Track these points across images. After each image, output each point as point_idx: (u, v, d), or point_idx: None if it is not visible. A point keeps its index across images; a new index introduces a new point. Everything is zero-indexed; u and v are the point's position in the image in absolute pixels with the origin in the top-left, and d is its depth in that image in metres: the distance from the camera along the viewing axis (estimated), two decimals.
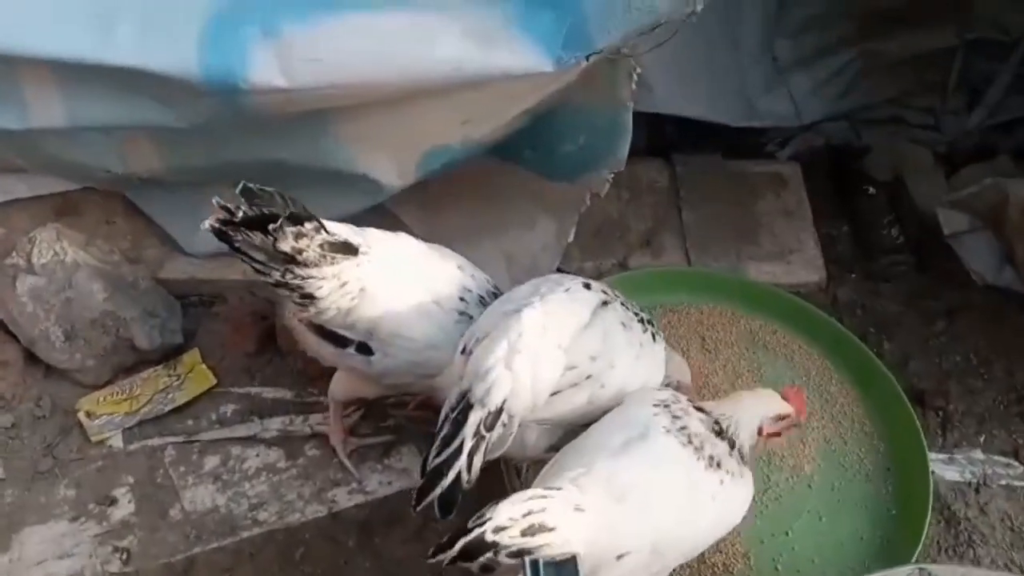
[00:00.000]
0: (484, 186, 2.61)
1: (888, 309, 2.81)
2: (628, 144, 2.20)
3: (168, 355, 2.47)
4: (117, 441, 2.32)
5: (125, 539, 2.14)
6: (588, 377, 1.87)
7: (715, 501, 1.77)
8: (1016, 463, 2.42)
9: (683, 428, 1.79)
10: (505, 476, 2.17)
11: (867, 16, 3.07)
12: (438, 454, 1.71)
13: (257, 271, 1.88)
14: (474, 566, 1.53)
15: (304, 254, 1.84)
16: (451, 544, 1.53)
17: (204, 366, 2.46)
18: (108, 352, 2.40)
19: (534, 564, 1.31)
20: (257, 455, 2.31)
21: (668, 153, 3.13)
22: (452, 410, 1.76)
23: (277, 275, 1.87)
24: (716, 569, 2.11)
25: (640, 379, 1.97)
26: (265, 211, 1.79)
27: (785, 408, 1.94)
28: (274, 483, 2.26)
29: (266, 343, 2.51)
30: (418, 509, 1.70)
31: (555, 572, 1.31)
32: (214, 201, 1.77)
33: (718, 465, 1.77)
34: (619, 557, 1.67)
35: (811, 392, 2.46)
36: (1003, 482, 2.38)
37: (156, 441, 2.33)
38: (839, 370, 2.51)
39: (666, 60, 2.61)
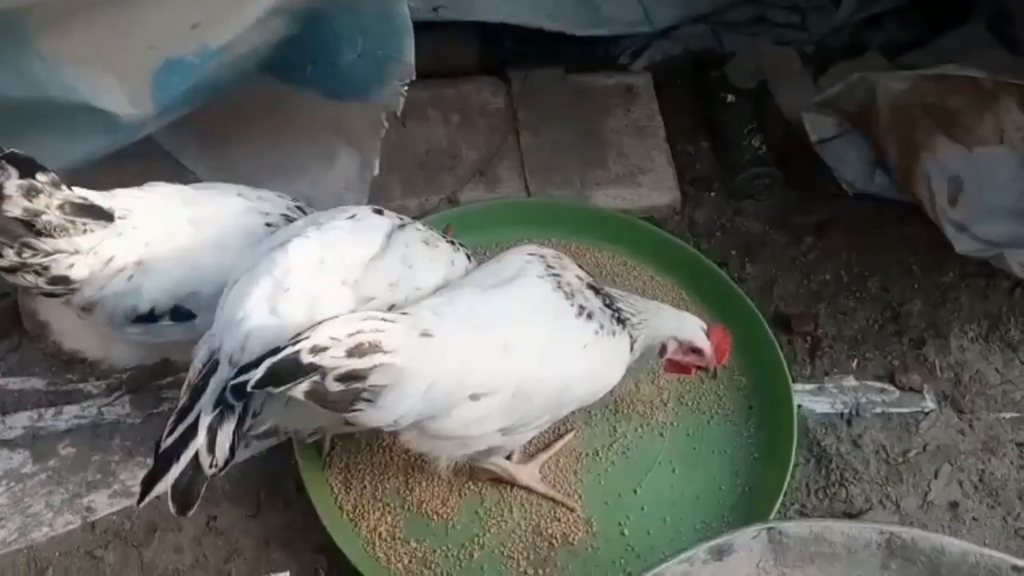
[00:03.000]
0: (272, 118, 2.22)
1: (751, 229, 2.53)
2: (412, 44, 1.83)
3: None
4: None
5: None
6: (391, 308, 1.54)
7: (586, 350, 1.65)
8: (891, 387, 2.19)
9: (556, 276, 1.69)
10: (299, 458, 1.83)
11: None
12: (170, 432, 1.37)
13: None
14: (297, 391, 1.33)
15: (44, 217, 1.47)
16: (256, 365, 1.29)
17: None
18: None
19: None
20: None
21: (504, 70, 2.76)
22: (197, 374, 1.42)
23: (12, 254, 1.48)
24: (554, 540, 1.84)
25: None
26: None
27: (701, 342, 1.80)
28: (16, 493, 1.86)
29: (9, 325, 2.08)
30: (140, 505, 1.39)
31: None
32: None
33: (589, 316, 1.66)
34: (475, 397, 1.52)
35: None
36: (877, 410, 2.14)
37: None
38: (695, 299, 2.26)
39: None
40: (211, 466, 1.35)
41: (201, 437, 1.34)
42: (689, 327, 1.81)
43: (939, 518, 1.96)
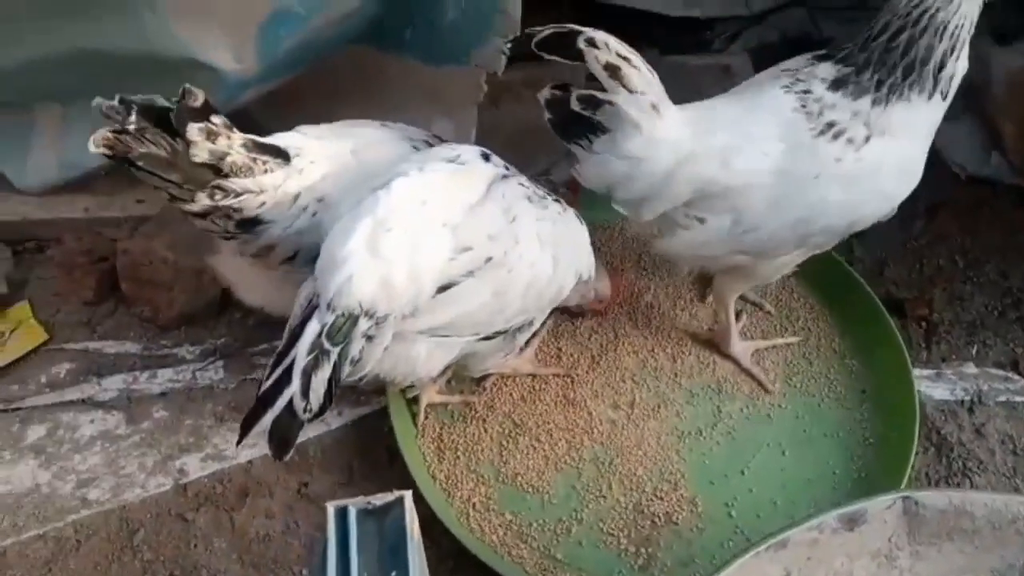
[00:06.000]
0: (368, 90, 2.19)
1: None
2: None
3: None
4: None
5: None
6: (488, 260, 1.49)
7: (818, 180, 1.58)
8: (1016, 376, 2.03)
9: (806, 91, 1.61)
10: (394, 424, 1.78)
11: None
12: (268, 376, 1.34)
13: (175, 198, 1.47)
14: (543, 94, 1.56)
15: (229, 159, 1.44)
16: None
17: (34, 320, 2.04)
18: None
19: (340, 512, 0.90)
20: (92, 422, 1.90)
21: None
22: (297, 319, 1.38)
23: (204, 198, 1.46)
24: (657, 519, 1.74)
25: (560, 262, 1.61)
26: (162, 103, 1.39)
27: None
28: (111, 454, 1.84)
29: (107, 289, 2.09)
30: (239, 445, 1.37)
31: (376, 523, 0.90)
32: (96, 103, 1.36)
33: (837, 135, 1.58)
34: (689, 216, 1.64)
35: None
36: (1001, 398, 1.98)
37: None
38: (801, 281, 2.14)
39: None
40: (305, 411, 1.30)
41: (295, 383, 1.30)
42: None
43: None
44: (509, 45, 1.83)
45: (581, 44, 1.49)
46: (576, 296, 1.88)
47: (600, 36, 1.51)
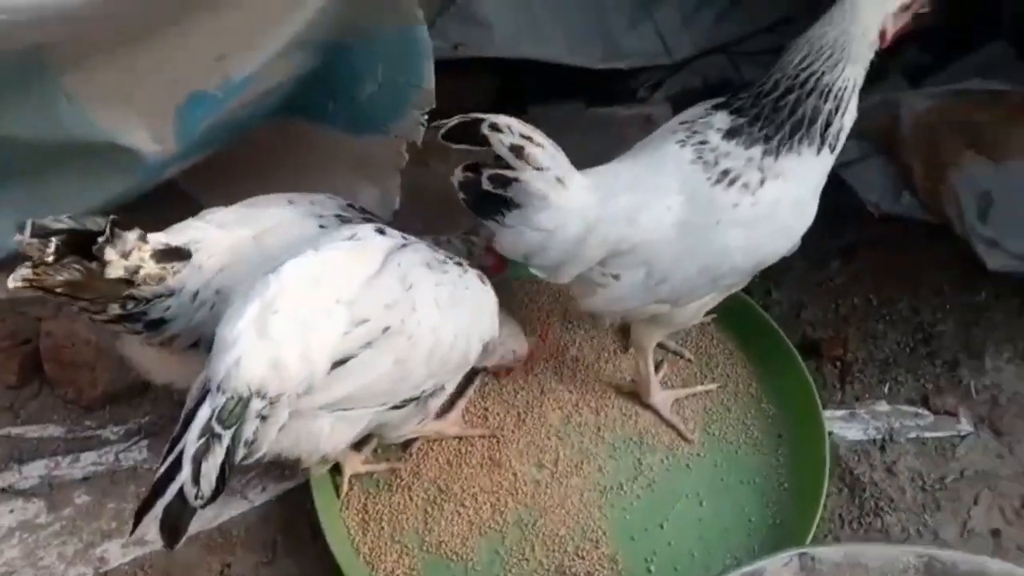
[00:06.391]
0: (293, 158, 2.24)
1: None
2: (431, 70, 1.87)
3: None
4: None
5: None
6: (386, 330, 1.52)
7: (719, 227, 1.65)
8: (926, 411, 2.10)
9: (701, 143, 1.68)
10: (315, 498, 1.80)
11: None
12: (162, 462, 1.35)
13: (87, 311, 1.53)
14: (457, 175, 1.60)
15: (142, 272, 1.49)
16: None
17: None
18: None
19: None
20: (11, 511, 1.89)
21: (524, 107, 2.75)
22: (193, 402, 1.40)
23: (117, 308, 1.52)
24: None
25: (461, 327, 1.65)
26: (82, 227, 1.42)
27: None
28: (29, 545, 1.84)
29: (30, 372, 2.10)
30: (132, 535, 1.42)
31: None
32: (16, 240, 1.39)
33: (733, 181, 1.64)
34: (605, 275, 1.69)
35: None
36: (912, 435, 2.05)
37: None
38: (720, 326, 2.20)
39: None
40: (197, 498, 1.31)
41: (185, 470, 1.31)
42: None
43: (981, 547, 1.85)
44: (426, 116, 1.91)
45: (485, 130, 1.54)
46: (496, 357, 1.93)
47: (502, 120, 1.56)
